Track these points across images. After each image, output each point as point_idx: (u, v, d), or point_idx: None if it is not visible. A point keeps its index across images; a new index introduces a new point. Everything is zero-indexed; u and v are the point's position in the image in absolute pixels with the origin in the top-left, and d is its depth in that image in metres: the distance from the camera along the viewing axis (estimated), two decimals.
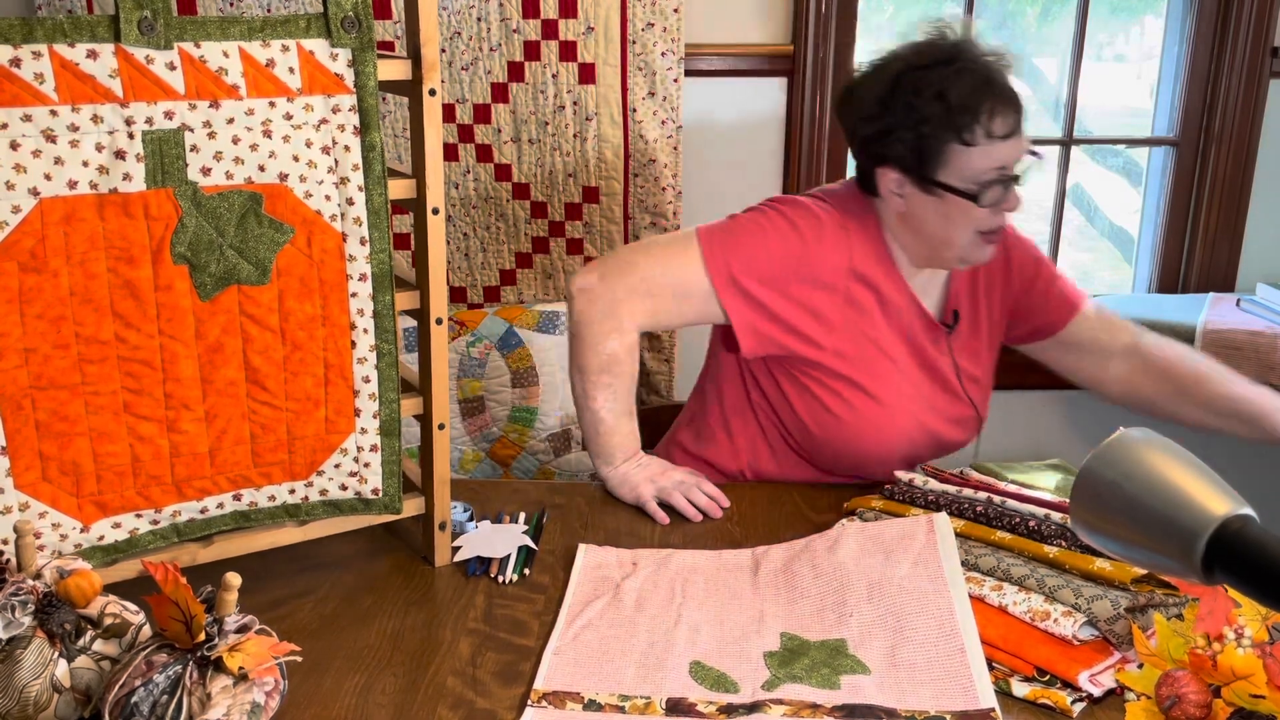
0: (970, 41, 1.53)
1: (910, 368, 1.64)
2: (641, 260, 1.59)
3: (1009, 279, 1.72)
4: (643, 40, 2.41)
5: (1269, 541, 0.66)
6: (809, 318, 1.57)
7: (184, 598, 0.99)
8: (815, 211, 1.59)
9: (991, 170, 1.50)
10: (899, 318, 1.62)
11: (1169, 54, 2.72)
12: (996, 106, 1.48)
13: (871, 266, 1.59)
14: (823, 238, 1.57)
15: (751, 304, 1.56)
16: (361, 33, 1.17)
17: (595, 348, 1.57)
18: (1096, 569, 1.19)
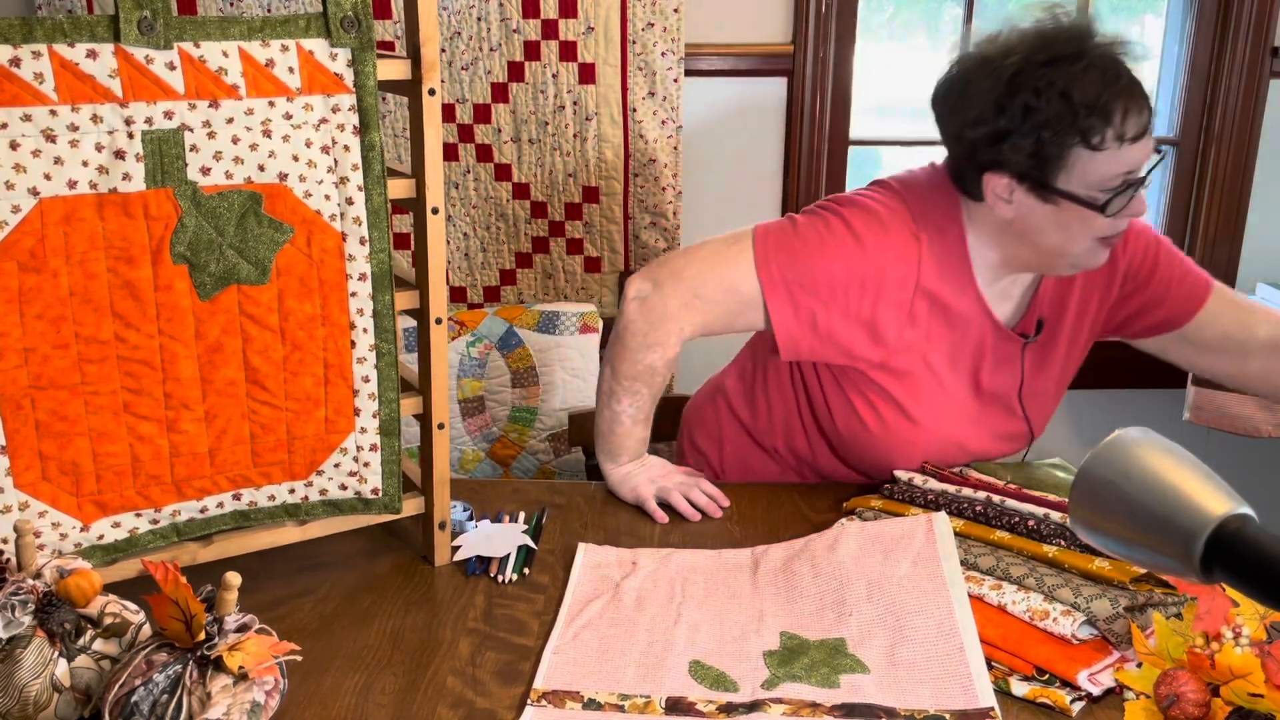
0: (1093, 30, 1.38)
1: (960, 388, 1.55)
2: (695, 269, 1.51)
3: (1115, 279, 1.57)
4: (643, 40, 2.42)
5: (1267, 541, 0.66)
6: (860, 332, 1.49)
7: (184, 597, 0.99)
8: (883, 216, 1.48)
9: (1118, 176, 1.36)
10: (965, 332, 1.52)
11: (1169, 54, 2.72)
12: (1129, 106, 1.34)
13: (941, 278, 1.48)
14: (887, 247, 1.47)
15: (798, 316, 1.48)
16: (361, 32, 1.17)
17: (635, 356, 1.54)
18: (1096, 568, 1.20)
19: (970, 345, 1.53)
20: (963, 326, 1.52)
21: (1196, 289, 1.56)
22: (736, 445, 1.73)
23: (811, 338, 1.50)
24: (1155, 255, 1.57)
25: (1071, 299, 1.57)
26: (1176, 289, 1.56)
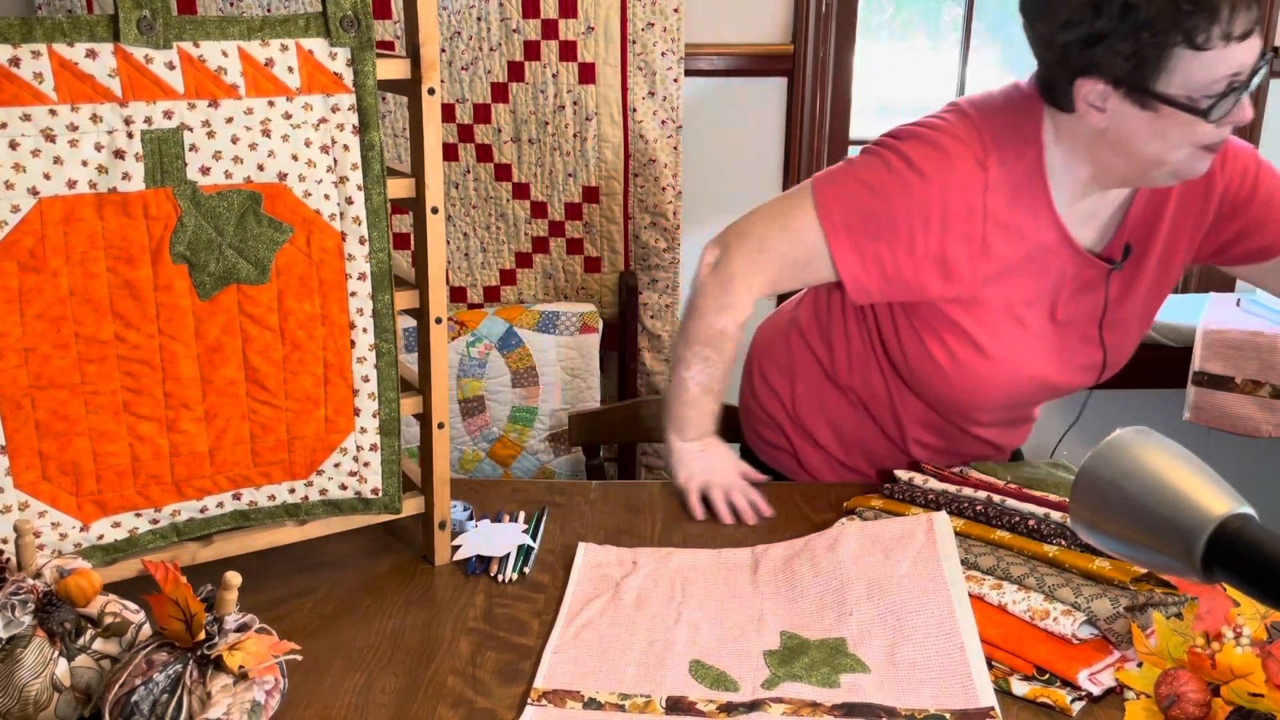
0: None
1: (1038, 319, 1.48)
2: (758, 225, 1.51)
3: (1211, 202, 1.47)
4: (643, 40, 2.42)
5: (1268, 540, 0.66)
6: (930, 269, 1.44)
7: (184, 597, 0.99)
8: (945, 145, 1.41)
9: (1224, 79, 1.26)
10: (1042, 260, 1.45)
11: None
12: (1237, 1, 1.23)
13: (1013, 204, 1.41)
14: (950, 178, 1.40)
15: (864, 261, 1.45)
16: (360, 32, 1.17)
17: (705, 319, 1.54)
18: (1096, 568, 1.20)
19: (1050, 273, 1.46)
20: (1040, 254, 1.44)
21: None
22: (810, 382, 1.68)
23: (880, 280, 1.46)
24: (1255, 177, 1.47)
25: (1163, 223, 1.48)
26: (1278, 213, 1.46)
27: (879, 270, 1.45)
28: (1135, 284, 1.51)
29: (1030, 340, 1.49)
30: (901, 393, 1.61)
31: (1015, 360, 1.49)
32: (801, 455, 1.71)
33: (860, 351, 1.61)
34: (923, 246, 1.42)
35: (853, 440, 1.67)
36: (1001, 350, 1.48)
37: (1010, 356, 1.49)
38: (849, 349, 1.62)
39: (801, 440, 1.70)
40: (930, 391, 1.56)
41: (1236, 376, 2.41)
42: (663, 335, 2.62)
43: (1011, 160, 1.41)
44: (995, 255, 1.43)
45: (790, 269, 1.51)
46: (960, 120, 1.44)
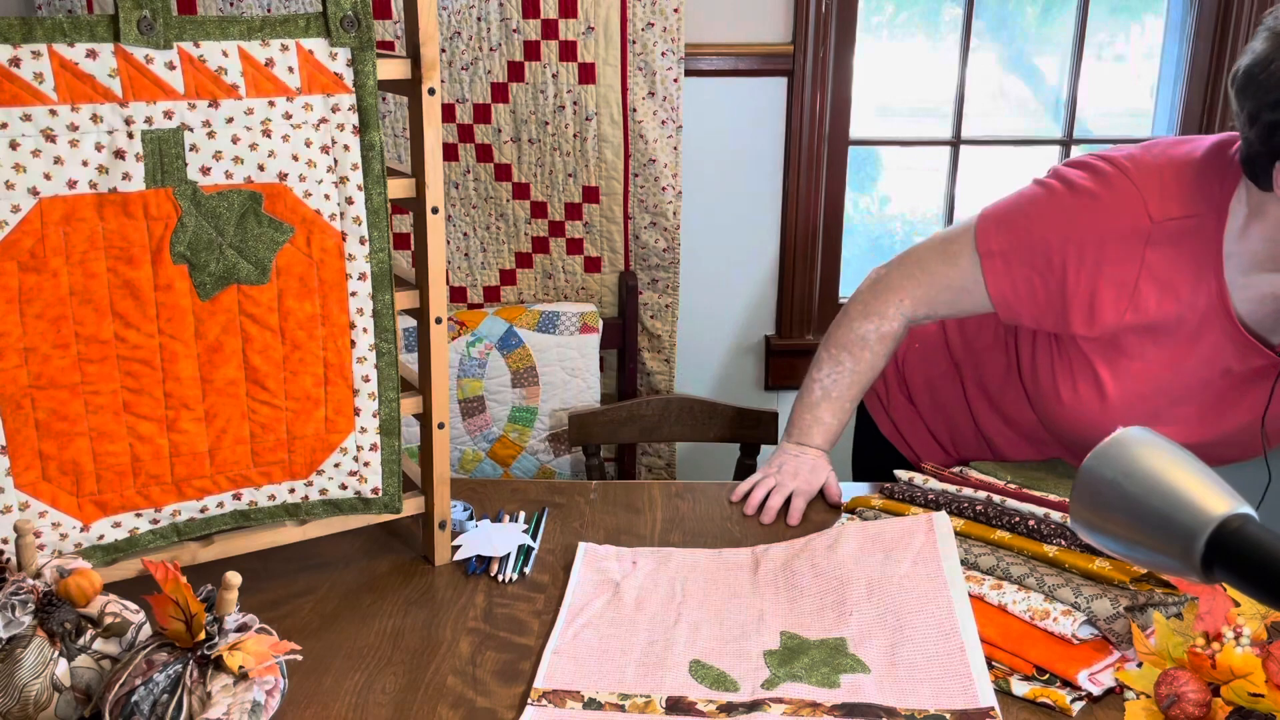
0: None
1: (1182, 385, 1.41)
2: (923, 248, 1.53)
3: None
4: (643, 40, 2.41)
5: (1268, 540, 0.66)
6: (1077, 303, 1.39)
7: (184, 597, 0.99)
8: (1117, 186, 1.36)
9: None
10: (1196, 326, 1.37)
11: (1169, 54, 2.72)
12: None
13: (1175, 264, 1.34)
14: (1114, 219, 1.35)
15: (1015, 287, 1.43)
16: (361, 32, 1.17)
17: (849, 323, 1.56)
18: (1096, 568, 1.19)
19: (1204, 344, 1.38)
20: (1196, 320, 1.36)
21: None
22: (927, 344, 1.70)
23: (1030, 307, 1.44)
24: None
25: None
26: None
27: (1029, 296, 1.43)
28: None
29: (1163, 403, 1.43)
30: (1015, 393, 1.59)
31: (1136, 416, 1.43)
32: (892, 407, 1.73)
33: (988, 342, 1.62)
34: (1074, 281, 1.38)
35: (943, 409, 1.69)
36: (1125, 400, 1.43)
37: (1132, 411, 1.43)
38: (979, 333, 1.63)
39: (897, 390, 1.73)
40: (1041, 409, 1.54)
41: None
42: (662, 335, 2.62)
43: (1185, 220, 1.34)
44: (1144, 308, 1.37)
45: (945, 293, 1.51)
46: (1143, 171, 1.38)
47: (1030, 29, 2.84)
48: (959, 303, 1.51)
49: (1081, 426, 1.48)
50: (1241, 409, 1.43)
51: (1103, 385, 1.43)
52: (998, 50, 2.81)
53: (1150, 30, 2.78)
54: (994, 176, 2.88)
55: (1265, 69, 1.24)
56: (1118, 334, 1.40)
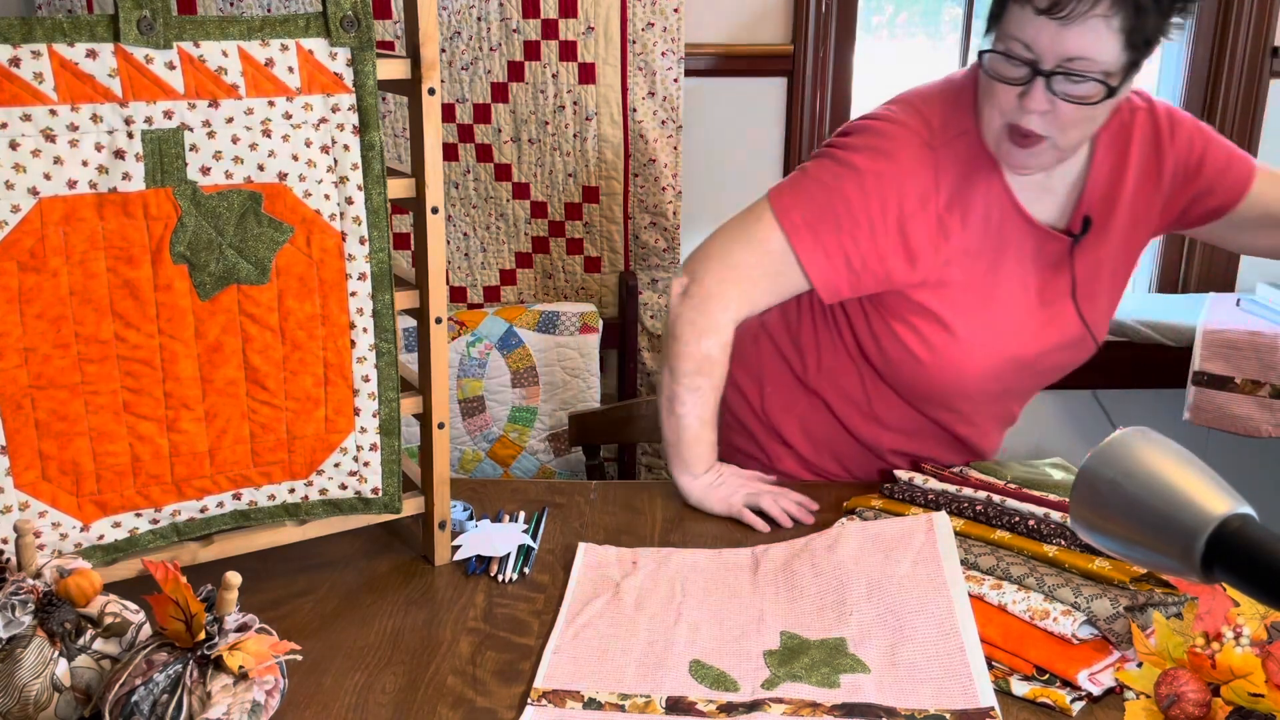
0: None
1: (1008, 297, 1.49)
2: (722, 245, 1.51)
3: (1163, 172, 1.50)
4: (643, 40, 2.42)
5: (1268, 540, 0.66)
6: (895, 255, 1.45)
7: (184, 597, 0.99)
8: (893, 134, 1.45)
9: (1018, 43, 1.29)
10: (1001, 235, 1.46)
11: (1169, 54, 2.72)
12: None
13: (966, 182, 1.43)
14: (901, 164, 1.43)
15: (829, 256, 1.46)
16: (360, 32, 1.17)
17: (689, 348, 1.51)
18: (1096, 568, 1.19)
19: (1009, 249, 1.47)
20: (997, 230, 1.46)
21: (1242, 173, 1.51)
22: (779, 384, 1.68)
23: (847, 273, 1.46)
24: (1203, 147, 1.50)
25: (1123, 194, 1.49)
26: (1223, 176, 1.50)
27: (844, 263, 1.45)
28: (1101, 256, 1.52)
29: (1002, 319, 1.49)
30: (879, 392, 1.60)
31: (989, 340, 1.49)
32: (773, 458, 1.70)
33: (830, 353, 1.61)
34: (883, 232, 1.43)
35: (823, 442, 1.67)
36: (973, 331, 1.48)
37: (984, 337, 1.49)
38: (819, 351, 1.62)
39: (772, 442, 1.70)
40: (910, 383, 1.55)
41: (1236, 376, 2.41)
42: (662, 336, 2.62)
43: (957, 137, 1.43)
44: (954, 234, 1.45)
45: (763, 281, 1.50)
46: (904, 108, 1.47)
47: None
48: (778, 288, 1.51)
49: (948, 379, 1.51)
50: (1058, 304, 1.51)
51: (948, 325, 1.48)
52: None
53: None
54: None
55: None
56: (939, 269, 1.45)
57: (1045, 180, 1.47)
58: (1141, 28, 1.27)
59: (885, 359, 1.54)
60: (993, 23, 1.35)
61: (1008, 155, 1.40)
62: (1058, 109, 1.31)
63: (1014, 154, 1.38)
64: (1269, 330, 2.39)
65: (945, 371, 1.50)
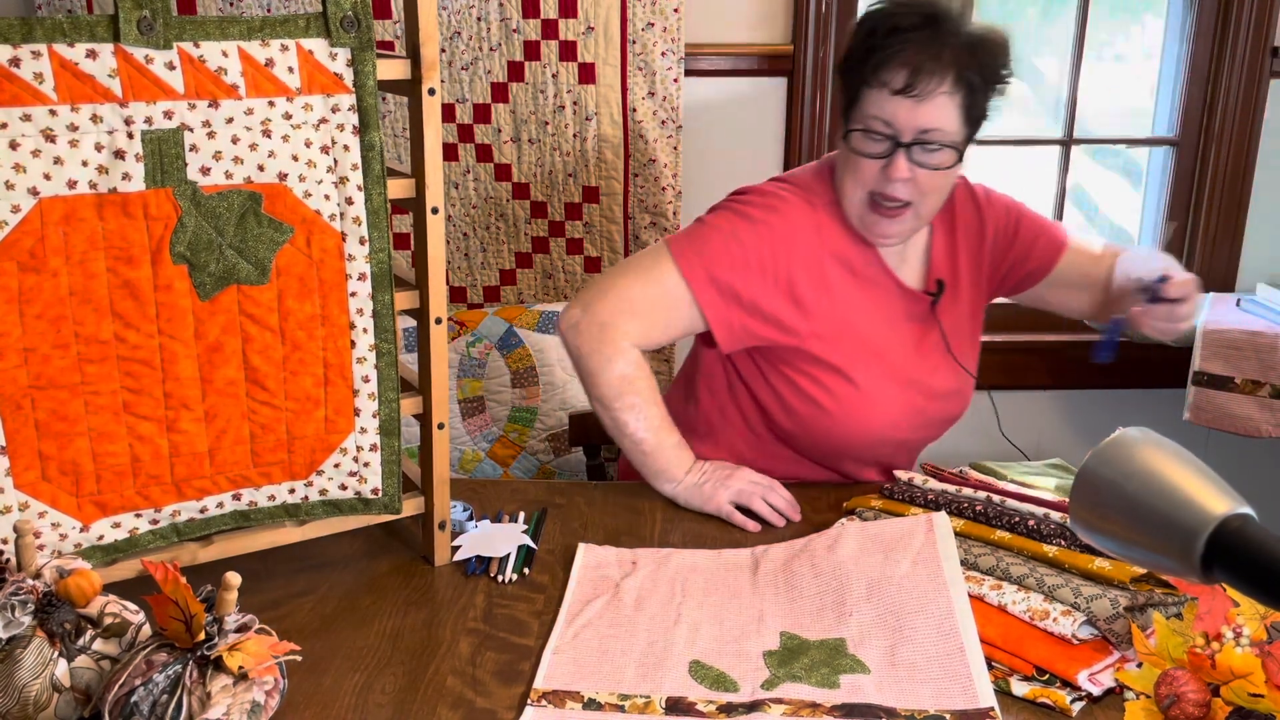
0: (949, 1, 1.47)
1: (893, 345, 1.60)
2: (619, 281, 1.56)
3: (985, 238, 1.66)
4: (643, 40, 2.42)
5: (1268, 540, 0.66)
6: (784, 301, 1.54)
7: (184, 597, 0.99)
8: (781, 194, 1.58)
9: (877, 120, 1.45)
10: (877, 293, 1.59)
11: (1169, 54, 2.72)
12: (902, 55, 1.42)
13: (846, 242, 1.57)
14: (790, 220, 1.55)
15: (727, 300, 1.53)
16: (360, 32, 1.17)
17: (602, 376, 1.53)
18: (1096, 568, 1.19)
19: (884, 306, 1.60)
20: (872, 288, 1.59)
21: (1054, 238, 1.68)
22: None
23: (742, 315, 1.54)
24: (1017, 216, 1.68)
25: (959, 259, 1.66)
26: (1040, 241, 1.67)
27: (738, 304, 1.53)
28: (959, 314, 1.66)
29: (895, 368, 1.60)
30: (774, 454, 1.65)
31: (887, 388, 1.59)
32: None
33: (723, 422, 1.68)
34: (773, 278, 1.53)
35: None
36: (872, 380, 1.58)
37: (882, 385, 1.58)
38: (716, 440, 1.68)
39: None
40: (820, 436, 1.61)
41: (1236, 376, 2.41)
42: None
43: (834, 204, 1.57)
44: (836, 289, 1.56)
45: (658, 316, 1.54)
46: (788, 181, 1.62)
47: (1030, 29, 2.84)
48: (671, 325, 1.57)
49: (855, 428, 1.59)
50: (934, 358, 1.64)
51: (849, 375, 1.57)
52: None
53: (1150, 30, 2.78)
54: (994, 176, 2.88)
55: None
56: (829, 320, 1.56)
57: (901, 250, 1.61)
58: (975, 104, 1.47)
59: (791, 414, 1.60)
60: (850, 107, 1.51)
61: (873, 225, 1.53)
62: (917, 177, 1.47)
63: (879, 223, 1.52)
64: (1269, 330, 2.39)
65: (852, 420, 1.58)
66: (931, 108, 1.43)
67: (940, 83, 1.43)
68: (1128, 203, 2.94)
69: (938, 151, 1.46)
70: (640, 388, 1.53)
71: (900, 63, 1.42)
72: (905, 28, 1.43)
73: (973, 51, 1.44)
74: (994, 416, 2.86)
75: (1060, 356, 2.82)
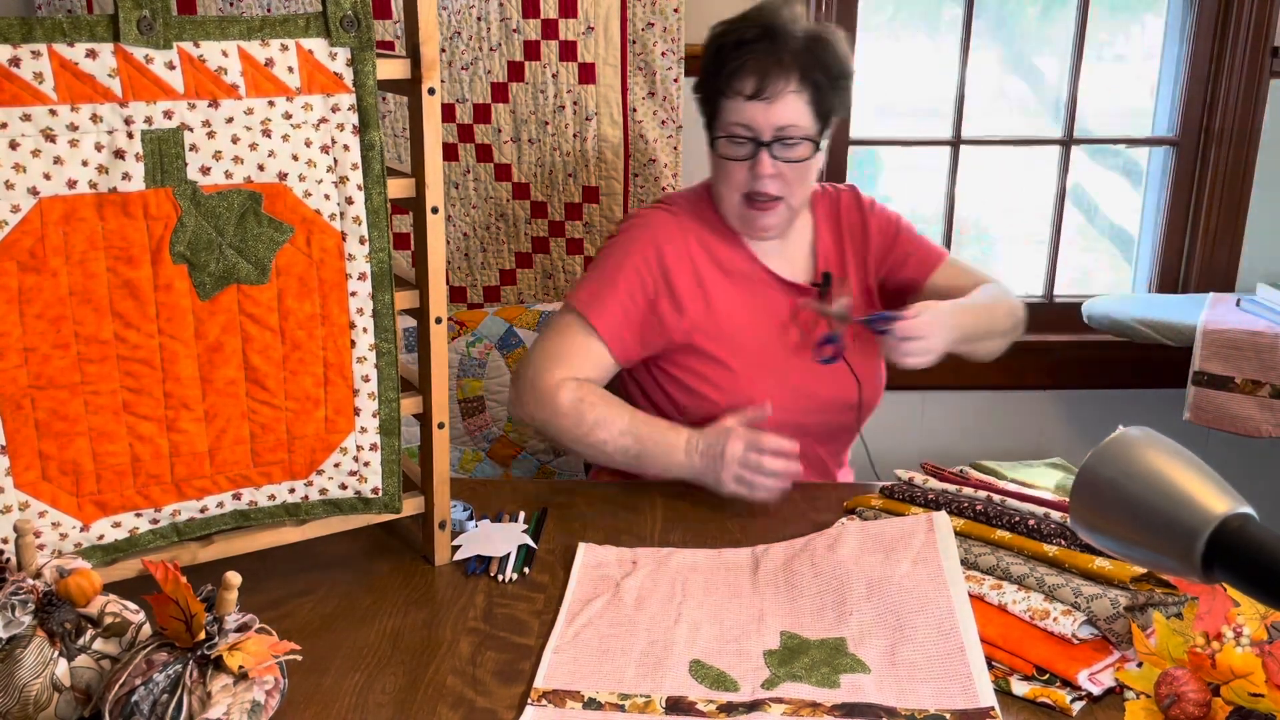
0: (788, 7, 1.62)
1: (773, 335, 1.69)
2: (535, 347, 1.66)
3: (869, 238, 1.77)
4: (643, 40, 2.41)
5: (1268, 540, 0.66)
6: (662, 300, 1.64)
7: (184, 597, 0.99)
8: (642, 212, 1.73)
9: (737, 126, 1.60)
10: (751, 285, 1.69)
11: (1169, 54, 2.72)
12: (749, 64, 1.58)
13: (710, 242, 1.68)
14: (655, 226, 1.68)
15: (608, 307, 1.62)
16: (360, 32, 1.17)
17: (557, 421, 1.58)
18: (1096, 568, 1.19)
19: (763, 300, 1.70)
20: (746, 283, 1.69)
21: (933, 253, 1.80)
22: None
23: (622, 317, 1.63)
24: (898, 222, 1.80)
25: (847, 256, 1.77)
26: (918, 252, 1.78)
27: (623, 311, 1.63)
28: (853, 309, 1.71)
29: (776, 355, 1.69)
30: None
31: (768, 374, 1.67)
32: None
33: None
34: (650, 282, 1.65)
35: None
36: (749, 365, 1.67)
37: (762, 371, 1.67)
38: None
39: None
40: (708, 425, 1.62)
41: (1236, 376, 2.40)
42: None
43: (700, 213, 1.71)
44: (709, 286, 1.67)
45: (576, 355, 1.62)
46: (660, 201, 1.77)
47: (1030, 29, 2.84)
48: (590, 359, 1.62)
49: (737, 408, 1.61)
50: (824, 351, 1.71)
51: (726, 363, 1.67)
52: (998, 50, 2.81)
53: (1150, 30, 2.78)
54: (994, 176, 2.88)
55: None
56: (705, 315, 1.66)
57: (783, 247, 1.73)
58: (822, 101, 1.61)
59: (682, 411, 1.67)
60: (711, 119, 1.67)
61: (751, 222, 1.67)
62: (782, 171, 1.61)
63: (756, 219, 1.66)
64: (1269, 330, 2.39)
65: (736, 405, 1.61)
66: (783, 106, 1.58)
67: (787, 83, 1.58)
68: (1128, 203, 2.94)
69: (796, 145, 1.61)
70: (595, 402, 1.58)
71: (748, 71, 1.59)
72: (748, 40, 1.59)
73: (811, 51, 1.59)
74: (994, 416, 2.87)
75: (1060, 356, 2.82)
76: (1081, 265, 3.02)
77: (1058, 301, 2.84)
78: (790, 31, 1.60)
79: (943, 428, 2.85)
